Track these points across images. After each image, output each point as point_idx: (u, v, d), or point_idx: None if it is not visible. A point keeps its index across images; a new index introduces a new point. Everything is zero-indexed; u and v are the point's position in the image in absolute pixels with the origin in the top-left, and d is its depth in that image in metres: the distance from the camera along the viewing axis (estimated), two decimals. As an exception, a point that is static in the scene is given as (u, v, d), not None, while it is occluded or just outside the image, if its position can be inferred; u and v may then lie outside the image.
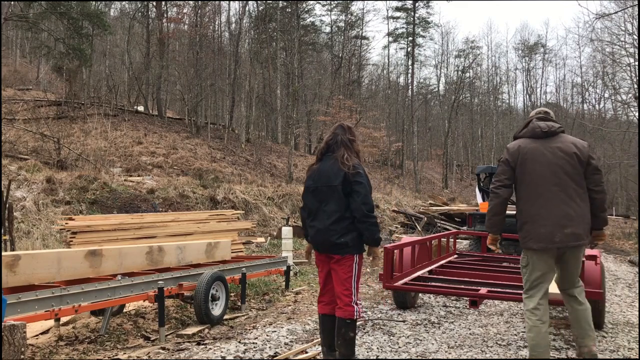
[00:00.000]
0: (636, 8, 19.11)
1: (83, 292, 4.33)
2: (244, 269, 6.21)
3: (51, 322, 5.06)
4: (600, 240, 3.94)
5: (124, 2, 35.50)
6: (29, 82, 27.95)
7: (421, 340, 4.73)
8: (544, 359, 3.63)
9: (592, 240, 3.92)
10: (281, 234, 9.73)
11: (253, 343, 4.55)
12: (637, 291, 7.89)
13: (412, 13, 41.86)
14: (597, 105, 45.52)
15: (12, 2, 19.07)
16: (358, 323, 5.26)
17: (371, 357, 4.21)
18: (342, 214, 3.62)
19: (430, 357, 4.26)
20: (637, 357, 4.40)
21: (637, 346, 4.70)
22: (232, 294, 6.36)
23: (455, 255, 7.62)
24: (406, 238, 7.32)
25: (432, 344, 4.62)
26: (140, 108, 28.44)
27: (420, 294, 6.44)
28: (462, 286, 5.34)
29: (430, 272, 6.17)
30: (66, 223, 6.91)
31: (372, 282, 8.08)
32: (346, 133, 3.83)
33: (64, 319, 5.12)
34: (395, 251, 5.65)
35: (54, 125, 18.41)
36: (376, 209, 19.46)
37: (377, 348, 4.45)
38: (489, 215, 3.88)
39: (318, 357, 4.19)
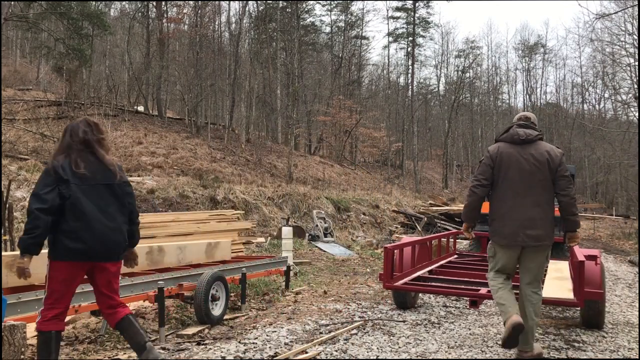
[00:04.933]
0: (636, 8, 19.12)
1: (83, 292, 4.32)
2: (244, 269, 6.21)
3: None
4: (573, 242, 4.21)
5: (124, 2, 35.51)
6: (29, 82, 27.95)
7: (421, 340, 4.73)
8: (514, 313, 3.87)
9: (567, 241, 4.22)
10: (281, 234, 9.73)
11: (253, 343, 4.55)
12: (637, 291, 7.89)
13: (412, 13, 41.88)
14: (597, 105, 45.63)
15: (12, 2, 19.06)
16: (358, 323, 5.27)
17: (371, 357, 4.21)
18: None
19: (430, 357, 4.26)
20: (637, 357, 4.41)
21: (637, 346, 4.70)
22: (232, 294, 6.36)
23: (455, 255, 7.63)
24: (406, 238, 7.33)
25: (432, 344, 4.62)
26: (140, 108, 28.43)
27: (420, 294, 6.44)
28: (462, 286, 5.34)
29: (430, 272, 6.17)
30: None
31: (372, 282, 8.09)
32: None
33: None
34: (395, 251, 5.65)
35: (54, 125, 18.41)
36: (376, 209, 19.60)
37: (377, 348, 4.45)
38: (466, 210, 4.29)
39: (318, 357, 4.20)
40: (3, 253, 3.66)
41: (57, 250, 3.34)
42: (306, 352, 4.28)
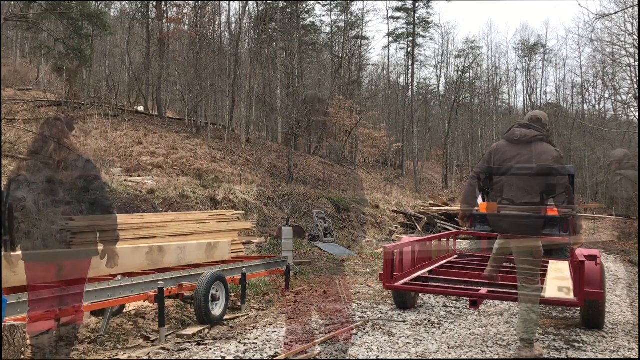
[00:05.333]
0: (636, 8, 19.11)
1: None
2: (244, 269, 6.21)
3: (51, 322, 5.05)
4: (576, 244, 4.45)
5: (124, 3, 35.50)
6: (29, 82, 27.92)
7: (421, 340, 4.73)
8: (488, 268, 4.85)
9: (571, 242, 4.53)
10: (281, 234, 9.73)
11: (253, 343, 4.55)
12: (637, 291, 7.89)
13: (412, 13, 41.83)
14: (597, 106, 45.60)
15: (12, 2, 19.06)
16: (358, 323, 5.27)
17: (371, 357, 4.21)
18: None
19: (430, 358, 4.26)
20: (637, 357, 4.40)
21: (637, 346, 4.70)
22: (232, 294, 6.36)
23: (455, 256, 7.61)
24: (406, 238, 7.32)
25: (432, 344, 4.62)
26: (141, 108, 28.41)
27: (420, 294, 6.44)
28: (462, 286, 5.33)
29: (430, 272, 6.16)
30: (66, 223, 6.89)
31: (372, 282, 8.08)
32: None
33: (64, 320, 5.11)
34: (395, 251, 5.65)
35: (54, 125, 18.34)
36: (376, 209, 19.60)
37: (377, 348, 4.45)
38: (463, 200, 4.68)
39: (318, 357, 4.19)
40: (3, 253, 3.65)
41: (22, 250, 3.36)
42: (306, 352, 4.28)
